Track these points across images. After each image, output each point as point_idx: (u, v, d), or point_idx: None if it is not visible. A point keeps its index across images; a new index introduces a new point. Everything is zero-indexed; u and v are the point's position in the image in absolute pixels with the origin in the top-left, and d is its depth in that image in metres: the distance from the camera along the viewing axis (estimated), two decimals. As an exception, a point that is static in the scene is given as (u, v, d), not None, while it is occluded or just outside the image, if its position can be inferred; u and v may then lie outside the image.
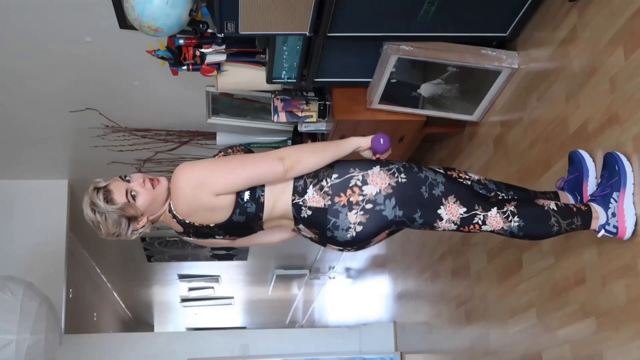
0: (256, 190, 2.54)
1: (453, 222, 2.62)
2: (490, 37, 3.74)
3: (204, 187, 2.48)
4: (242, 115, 5.04)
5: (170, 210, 2.58)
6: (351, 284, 8.79)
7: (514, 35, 3.68)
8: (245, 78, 4.22)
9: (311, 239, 2.68)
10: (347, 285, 9.00)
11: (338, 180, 2.55)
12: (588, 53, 3.05)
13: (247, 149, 2.82)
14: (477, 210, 2.61)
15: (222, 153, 2.76)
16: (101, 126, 5.22)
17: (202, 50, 4.00)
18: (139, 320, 12.59)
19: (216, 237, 2.63)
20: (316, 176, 2.57)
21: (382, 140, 2.60)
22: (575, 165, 2.96)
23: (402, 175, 2.58)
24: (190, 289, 10.67)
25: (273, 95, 4.41)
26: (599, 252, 2.95)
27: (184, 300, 11.28)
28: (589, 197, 2.78)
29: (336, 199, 2.54)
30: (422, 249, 5.53)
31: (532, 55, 3.60)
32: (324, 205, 2.55)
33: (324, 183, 2.56)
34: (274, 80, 4.08)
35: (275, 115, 4.40)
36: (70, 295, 7.14)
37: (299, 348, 6.72)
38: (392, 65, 3.79)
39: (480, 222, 2.63)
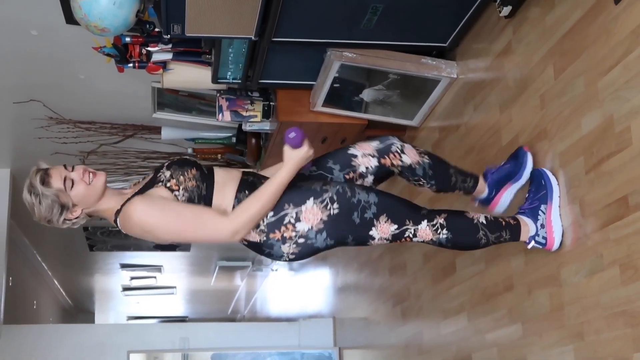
0: None
1: (385, 239, 2.72)
2: (430, 47, 3.84)
3: (152, 233, 2.58)
4: (187, 111, 5.07)
5: (116, 222, 2.64)
6: (293, 277, 8.88)
7: (453, 45, 3.79)
8: (190, 77, 4.27)
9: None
10: (289, 278, 9.09)
11: (273, 219, 2.63)
12: (521, 68, 3.17)
13: (200, 169, 2.72)
14: (408, 225, 2.71)
15: (170, 174, 2.66)
16: (45, 118, 5.21)
17: (149, 48, 4.03)
18: (80, 308, 12.51)
19: None
20: None
21: (292, 135, 2.58)
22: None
23: (335, 205, 2.64)
24: (132, 278, 10.64)
25: (218, 94, 4.46)
26: (526, 261, 3.08)
27: (125, 289, 11.24)
28: (518, 211, 2.90)
29: (271, 235, 2.64)
30: (361, 247, 5.63)
31: (470, 66, 3.72)
32: (260, 240, 2.66)
33: (259, 222, 2.64)
34: (219, 80, 4.14)
35: (220, 114, 4.45)
36: (10, 284, 7.10)
37: (239, 342, 6.80)
38: (335, 70, 3.88)
39: (411, 235, 2.73)
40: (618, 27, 2.52)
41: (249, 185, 2.70)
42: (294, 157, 2.60)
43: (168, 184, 2.64)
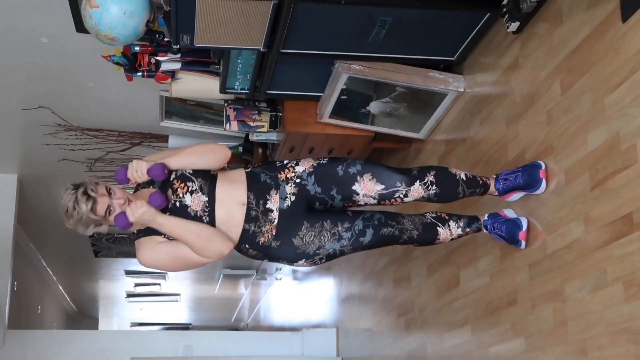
0: None
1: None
2: (438, 61, 3.86)
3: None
4: (194, 120, 5.09)
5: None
6: (297, 286, 8.89)
7: (461, 59, 3.81)
8: (198, 86, 4.29)
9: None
10: (293, 287, 9.09)
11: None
12: (528, 84, 3.19)
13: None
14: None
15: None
16: (53, 124, 5.24)
17: (158, 58, 4.06)
18: (84, 313, 12.53)
19: None
20: None
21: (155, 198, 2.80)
22: (529, 175, 3.04)
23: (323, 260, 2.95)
24: (137, 285, 10.67)
25: (226, 104, 4.48)
26: (531, 276, 3.09)
27: (129, 295, 11.27)
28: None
29: None
30: (366, 257, 5.65)
31: (477, 80, 3.73)
32: None
33: None
34: (227, 91, 4.16)
35: (227, 124, 4.47)
36: (15, 289, 7.12)
37: (242, 350, 6.79)
38: (342, 82, 3.90)
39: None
40: (625, 45, 2.53)
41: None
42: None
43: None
